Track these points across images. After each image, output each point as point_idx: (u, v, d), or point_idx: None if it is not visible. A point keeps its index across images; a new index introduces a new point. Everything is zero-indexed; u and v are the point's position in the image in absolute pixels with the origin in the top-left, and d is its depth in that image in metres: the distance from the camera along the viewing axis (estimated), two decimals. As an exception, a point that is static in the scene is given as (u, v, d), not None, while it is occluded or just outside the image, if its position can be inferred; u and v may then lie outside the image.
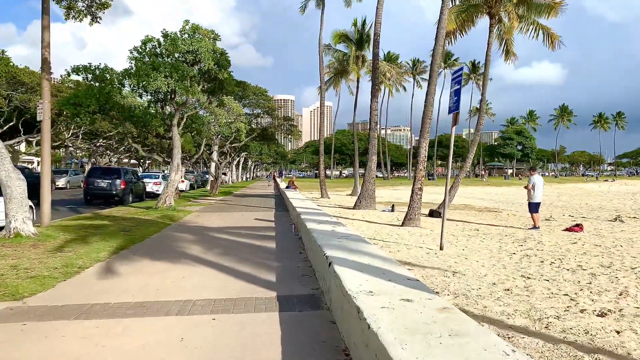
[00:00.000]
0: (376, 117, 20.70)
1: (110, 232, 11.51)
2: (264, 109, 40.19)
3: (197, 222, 14.09)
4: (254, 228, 12.69)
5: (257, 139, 45.16)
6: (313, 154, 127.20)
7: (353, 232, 8.17)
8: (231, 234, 11.54)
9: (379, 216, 17.06)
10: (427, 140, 13.58)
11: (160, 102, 19.58)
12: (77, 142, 55.80)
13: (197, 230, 12.17)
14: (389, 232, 12.45)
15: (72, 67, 17.38)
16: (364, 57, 34.90)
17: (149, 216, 15.67)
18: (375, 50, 20.68)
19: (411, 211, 13.52)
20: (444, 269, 7.56)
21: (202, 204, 22.59)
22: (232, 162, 60.84)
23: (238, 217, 16.08)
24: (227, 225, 13.44)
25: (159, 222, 13.84)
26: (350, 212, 18.75)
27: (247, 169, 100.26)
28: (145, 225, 13.03)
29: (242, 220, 14.73)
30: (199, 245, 9.74)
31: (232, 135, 30.23)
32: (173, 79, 16.14)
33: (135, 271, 7.21)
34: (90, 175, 24.46)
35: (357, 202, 20.41)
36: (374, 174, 20.54)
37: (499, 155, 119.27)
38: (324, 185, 29.60)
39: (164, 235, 11.33)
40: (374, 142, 20.54)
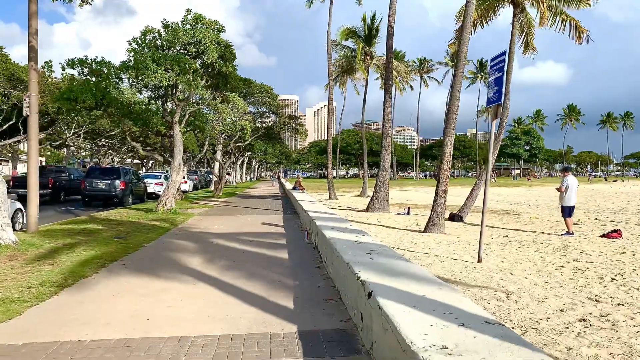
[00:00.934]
0: (390, 114, 19.49)
1: (102, 239, 10.33)
2: (270, 107, 38.97)
3: (199, 227, 12.89)
4: (262, 234, 11.49)
5: (261, 139, 43.98)
6: (318, 154, 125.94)
7: (380, 243, 6.95)
8: (237, 241, 10.33)
9: (396, 220, 15.83)
10: (452, 137, 12.35)
11: (161, 98, 18.43)
12: (79, 142, 54.82)
13: (200, 237, 10.97)
14: (412, 239, 11.21)
15: (67, 60, 16.24)
16: (373, 53, 33.65)
17: (147, 220, 14.49)
18: (389, 43, 19.44)
19: (435, 216, 12.28)
20: (493, 289, 6.33)
21: (205, 205, 21.41)
22: (236, 162, 59.71)
23: (244, 220, 14.89)
24: (232, 230, 12.24)
25: (158, 227, 12.65)
26: (364, 215, 17.53)
27: (251, 169, 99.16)
28: (143, 231, 11.84)
29: (248, 225, 13.53)
30: (201, 256, 8.54)
31: (236, 134, 29.06)
32: (174, 72, 14.96)
33: (124, 291, 6.01)
34: (88, 175, 23.33)
35: (369, 204, 19.19)
36: (387, 174, 19.32)
37: (506, 155, 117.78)
38: (332, 186, 28.39)
39: (162, 243, 10.14)
40: (387, 140, 19.31)
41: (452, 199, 29.68)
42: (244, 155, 60.80)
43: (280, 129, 43.02)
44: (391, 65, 19.61)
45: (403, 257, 5.58)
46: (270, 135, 43.40)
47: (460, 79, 12.16)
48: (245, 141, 34.14)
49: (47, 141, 53.42)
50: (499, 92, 7.95)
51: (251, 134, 36.00)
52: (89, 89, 15.88)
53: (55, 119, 39.70)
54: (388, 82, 19.61)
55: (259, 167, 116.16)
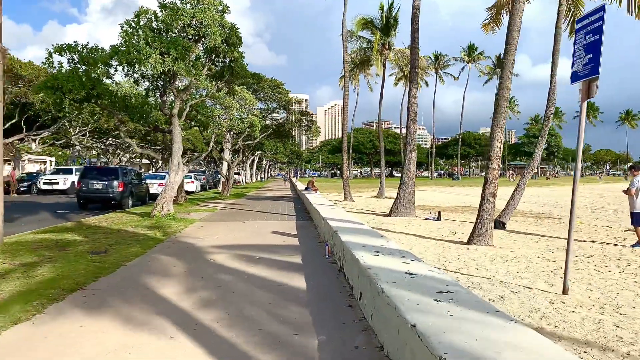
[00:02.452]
0: (415, 105, 17.31)
1: (74, 255, 8.32)
2: (280, 103, 36.87)
3: (197, 238, 10.85)
4: (272, 248, 9.40)
5: (272, 137, 41.94)
6: (329, 153, 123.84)
7: (448, 278, 4.83)
8: (240, 259, 8.25)
9: (427, 227, 13.67)
10: (502, 129, 10.16)
11: (160, 89, 16.45)
12: (85, 141, 53.24)
13: (194, 253, 8.91)
14: (457, 255, 9.06)
15: (55, 47, 14.32)
16: (390, 44, 31.44)
17: (139, 227, 12.49)
18: (414, 26, 17.27)
19: (482, 224, 10.11)
20: (623, 355, 4.18)
21: (209, 209, 19.40)
22: (245, 161, 57.75)
23: (251, 228, 12.83)
24: (235, 242, 10.17)
25: (148, 238, 10.63)
26: (388, 221, 15.39)
27: (261, 169, 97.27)
28: (129, 243, 9.83)
29: (255, 234, 11.46)
30: (189, 284, 6.47)
31: (245, 130, 27.03)
32: (170, 57, 12.94)
33: (64, 353, 3.97)
34: (84, 176, 21.40)
35: (393, 207, 17.04)
36: (413, 174, 17.16)
37: (523, 153, 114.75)
38: (348, 187, 26.26)
39: (146, 261, 8.09)
40: (413, 136, 17.15)
41: (470, 199, 27.14)
42: (254, 154, 58.85)
43: (291, 126, 40.91)
44: (417, 50, 17.43)
45: (497, 310, 3.43)
46: (281, 133, 41.31)
47: (512, 60, 9.97)
48: (255, 139, 32.10)
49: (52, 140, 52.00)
50: (593, 61, 5.80)
51: (261, 132, 34.00)
52: (77, 77, 13.95)
53: (56, 117, 38.01)
54: (414, 70, 17.45)
55: (269, 167, 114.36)
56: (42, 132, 41.84)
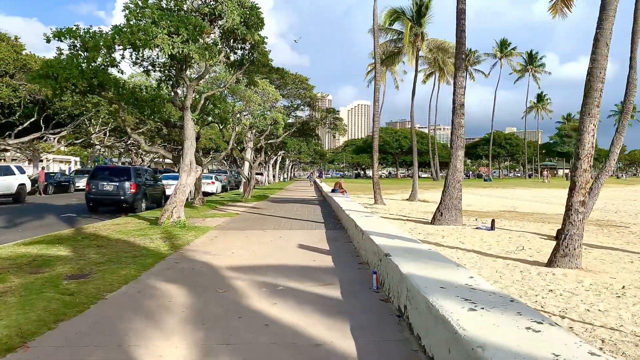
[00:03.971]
0: (462, 97, 15.09)
1: (45, 281, 6.42)
2: (305, 99, 34.83)
3: (208, 253, 8.86)
4: (299, 272, 7.34)
5: (295, 135, 39.95)
6: (354, 152, 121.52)
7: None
8: (259, 290, 6.22)
9: (483, 240, 11.44)
10: (595, 118, 7.91)
11: (172, 78, 14.61)
12: (105, 140, 52.16)
13: (200, 280, 6.91)
14: (545, 283, 6.84)
15: (54, 31, 12.56)
16: (423, 34, 29.12)
17: (142, 238, 10.59)
18: (460, 7, 15.05)
19: (568, 242, 7.87)
20: None
21: (227, 213, 17.49)
22: (268, 161, 55.95)
23: (273, 239, 10.81)
24: (253, 261, 8.15)
25: (148, 254, 8.69)
26: (432, 230, 13.20)
27: (284, 169, 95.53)
28: (122, 261, 7.90)
29: (278, 249, 9.42)
30: (186, 340, 4.45)
31: (267, 128, 25.08)
32: (180, 38, 11.01)
33: None
34: (93, 176, 19.76)
35: (436, 214, 14.83)
36: (460, 176, 14.91)
37: (555, 154, 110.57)
38: (379, 189, 24.12)
39: (135, 292, 6.12)
40: (460, 131, 14.91)
41: (511, 203, 24.58)
42: (277, 153, 57.04)
43: (316, 123, 38.81)
44: (464, 34, 15.18)
45: None
46: (305, 132, 39.29)
47: (613, 15, 7.69)
48: (278, 137, 30.15)
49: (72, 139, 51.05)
50: None
51: (284, 130, 32.05)
52: (75, 64, 12.15)
53: (72, 114, 36.75)
54: (460, 57, 15.22)
55: (292, 167, 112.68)
56: (59, 130, 40.63)
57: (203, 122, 18.10)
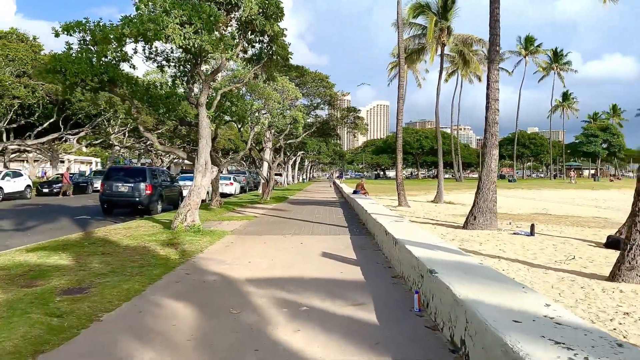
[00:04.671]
0: (497, 92, 14.00)
1: (35, 297, 5.62)
2: (325, 98, 33.88)
3: (222, 263, 8.00)
4: (325, 287, 6.41)
5: (315, 135, 39.05)
6: (374, 153, 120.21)
7: None
8: (278, 310, 5.32)
9: (525, 247, 10.36)
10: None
11: (187, 74, 13.84)
12: (125, 141, 51.95)
13: (211, 296, 6.04)
14: (616, 304, 5.79)
15: (63, 25, 11.88)
16: (450, 28, 27.93)
17: (153, 243, 9.79)
18: (494, -6, 13.96)
19: (636, 252, 6.79)
20: None
21: (246, 216, 16.66)
22: (287, 161, 55.20)
23: (294, 245, 9.91)
24: (272, 273, 7.25)
25: (157, 263, 7.86)
26: (466, 235, 12.14)
27: (303, 170, 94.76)
28: (127, 272, 7.08)
29: (300, 258, 8.51)
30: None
31: (286, 127, 24.23)
32: (193, 27, 10.19)
33: None
34: (108, 177, 19.14)
35: (469, 218, 13.76)
36: (494, 176, 13.82)
37: (580, 154, 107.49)
38: (403, 191, 23.05)
39: (135, 313, 5.27)
40: (495, 129, 13.82)
41: (542, 205, 23.03)
42: (296, 154, 56.24)
43: (336, 123, 37.84)
44: (498, 24, 14.08)
45: None
46: (324, 131, 38.34)
47: None
48: (297, 137, 29.28)
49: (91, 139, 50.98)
50: None
51: (304, 129, 31.17)
52: (85, 58, 11.44)
53: (89, 114, 36.43)
54: (494, 49, 14.13)
55: (311, 167, 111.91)
56: (77, 130, 40.42)
57: (220, 121, 17.30)
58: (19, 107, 37.49)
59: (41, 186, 31.03)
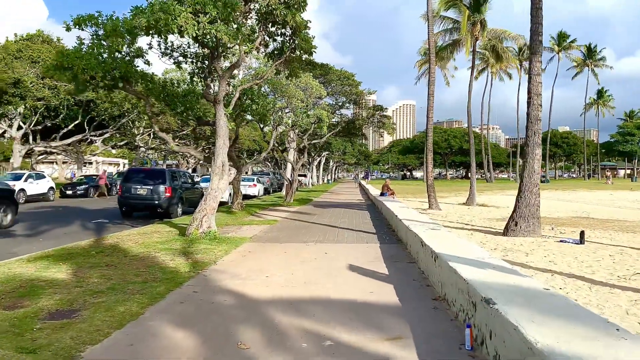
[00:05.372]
0: (540, 85, 12.77)
1: (12, 325, 4.80)
2: (350, 96, 32.84)
3: (236, 277, 7.09)
4: (353, 311, 5.42)
5: (340, 135, 38.04)
6: (400, 153, 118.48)
7: None
8: (298, 342, 4.36)
9: (578, 259, 9.16)
10: None
11: (205, 69, 13.05)
12: (150, 142, 51.90)
13: (220, 321, 5.12)
14: None
15: (74, 19, 11.21)
16: (483, 22, 26.56)
17: (164, 252, 8.96)
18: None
19: None
20: None
21: (266, 220, 15.79)
22: (311, 162, 54.33)
23: (317, 256, 8.94)
24: (291, 292, 6.29)
25: (164, 277, 6.99)
26: (508, 244, 10.97)
27: (328, 170, 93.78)
28: (127, 289, 6.23)
29: (323, 271, 7.54)
30: None
31: (310, 127, 23.31)
32: (207, 17, 9.34)
33: None
34: (126, 179, 18.56)
35: (509, 224, 12.56)
36: (538, 178, 12.60)
37: (616, 153, 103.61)
38: (433, 193, 21.85)
39: (125, 347, 4.36)
40: (537, 126, 12.61)
41: (581, 207, 21.16)
42: (321, 154, 55.32)
43: (362, 122, 36.74)
44: (540, 12, 12.85)
45: None
46: (350, 131, 37.29)
47: None
48: (322, 137, 28.33)
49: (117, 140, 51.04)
50: None
51: (329, 129, 30.20)
52: (93, 54, 10.73)
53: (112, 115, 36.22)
54: (536, 38, 12.89)
55: (336, 168, 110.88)
56: (101, 132, 40.33)
57: (241, 120, 16.48)
58: (45, 109, 37.61)
59: (65, 188, 30.92)
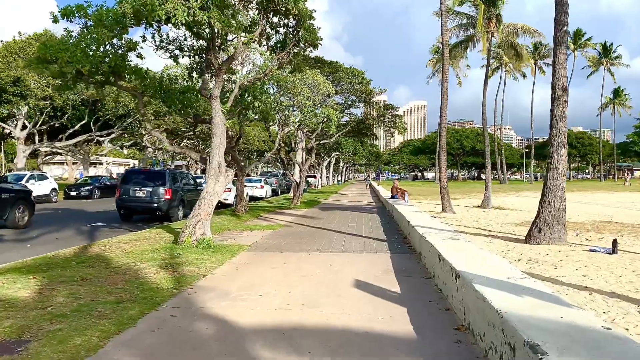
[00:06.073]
0: (565, 79, 11.70)
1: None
2: (360, 95, 31.79)
3: (226, 296, 6.15)
4: (357, 343, 4.44)
5: (350, 134, 37.01)
6: (411, 154, 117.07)
7: None
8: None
9: (613, 270, 8.10)
10: None
11: (203, 63, 12.18)
12: (157, 142, 51.31)
13: (197, 358, 4.18)
14: None
15: (61, 9, 10.37)
16: (499, 17, 25.41)
17: (149, 264, 8.04)
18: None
19: None
20: None
21: (270, 225, 14.86)
22: (321, 163, 53.36)
23: (320, 268, 7.97)
24: (288, 317, 5.33)
25: (139, 297, 6.05)
26: (532, 253, 9.91)
27: (338, 171, 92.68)
28: (93, 313, 5.30)
29: (325, 289, 6.56)
30: None
31: (318, 126, 22.36)
32: (198, 2, 8.43)
33: None
34: (125, 181, 17.78)
35: (532, 230, 11.49)
36: (563, 180, 11.51)
37: (632, 154, 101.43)
38: (447, 195, 20.81)
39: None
40: (563, 123, 11.53)
41: (602, 210, 19.69)
42: (330, 155, 54.32)
43: (373, 121, 35.63)
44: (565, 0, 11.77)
45: None
46: (360, 130, 36.23)
47: None
48: (331, 137, 27.35)
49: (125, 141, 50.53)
50: None
51: (338, 129, 29.22)
52: (80, 46, 9.89)
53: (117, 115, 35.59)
54: (561, 29, 11.82)
55: (346, 169, 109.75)
56: (107, 132, 39.71)
57: (243, 119, 15.57)
58: (51, 109, 37.10)
59: (69, 189, 30.34)
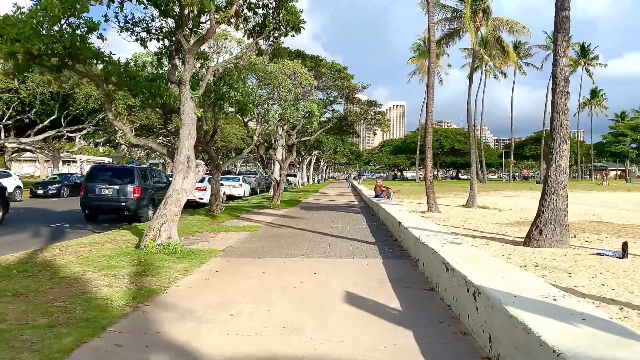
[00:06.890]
0: (567, 70, 10.83)
1: None
2: (343, 91, 30.80)
3: (189, 316, 5.02)
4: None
5: (331, 132, 36.00)
6: (391, 153, 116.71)
7: None
8: None
9: (632, 278, 7.21)
10: None
11: (172, 46, 10.97)
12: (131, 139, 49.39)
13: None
14: None
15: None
16: (487, 9, 24.67)
17: (103, 272, 6.85)
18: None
19: None
20: None
21: (248, 226, 13.71)
22: (301, 161, 52.23)
23: (304, 279, 6.89)
24: (263, 347, 4.24)
25: (83, 317, 4.88)
26: (535, 256, 8.99)
27: (318, 170, 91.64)
28: (13, 344, 4.13)
29: (311, 306, 5.49)
30: None
31: (299, 122, 21.26)
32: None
33: None
34: (90, 178, 16.43)
35: (532, 232, 10.59)
36: (565, 179, 10.65)
37: (608, 154, 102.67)
38: (433, 194, 19.94)
39: None
40: (564, 117, 10.64)
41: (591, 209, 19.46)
42: (311, 153, 53.24)
43: (355, 118, 34.68)
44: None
45: None
46: (341, 128, 35.25)
47: None
48: (312, 134, 26.29)
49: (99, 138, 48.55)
50: None
51: (320, 126, 28.16)
52: (31, 23, 8.63)
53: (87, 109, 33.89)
54: (562, 14, 10.95)
55: (327, 168, 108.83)
56: (76, 127, 37.89)
57: (219, 111, 14.37)
58: (19, 104, 35.27)
59: (35, 187, 28.68)
